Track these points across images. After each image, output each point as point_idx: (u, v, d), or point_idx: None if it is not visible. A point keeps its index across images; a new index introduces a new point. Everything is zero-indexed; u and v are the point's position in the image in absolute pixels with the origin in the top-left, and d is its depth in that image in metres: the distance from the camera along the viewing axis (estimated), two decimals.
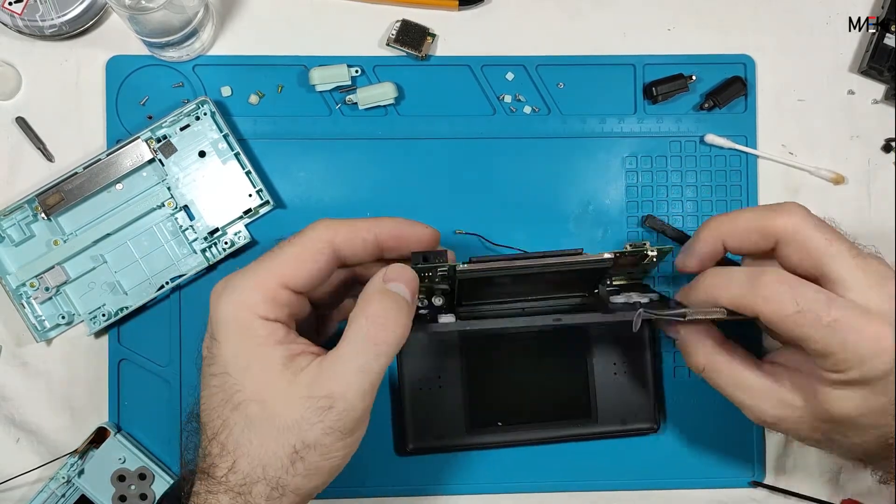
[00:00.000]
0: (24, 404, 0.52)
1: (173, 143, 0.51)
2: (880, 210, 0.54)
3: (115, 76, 0.52)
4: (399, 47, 0.52)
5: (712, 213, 0.53)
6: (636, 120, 0.54)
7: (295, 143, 0.53)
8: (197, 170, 0.51)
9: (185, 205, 0.51)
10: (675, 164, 0.54)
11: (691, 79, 0.53)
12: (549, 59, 0.53)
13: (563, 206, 0.53)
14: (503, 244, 0.52)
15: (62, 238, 0.51)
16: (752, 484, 0.53)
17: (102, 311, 0.51)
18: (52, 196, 0.50)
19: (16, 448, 0.52)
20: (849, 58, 0.55)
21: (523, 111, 0.53)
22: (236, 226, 0.52)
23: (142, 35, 0.49)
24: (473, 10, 0.54)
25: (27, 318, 0.50)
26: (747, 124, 0.54)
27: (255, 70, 0.53)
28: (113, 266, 0.51)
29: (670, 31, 0.54)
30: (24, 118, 0.52)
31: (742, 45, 0.54)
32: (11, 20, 0.50)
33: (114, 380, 0.51)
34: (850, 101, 0.55)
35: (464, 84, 0.53)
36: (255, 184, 0.51)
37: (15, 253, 0.51)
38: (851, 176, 0.54)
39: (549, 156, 0.53)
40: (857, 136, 0.54)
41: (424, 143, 0.53)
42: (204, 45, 0.52)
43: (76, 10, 0.51)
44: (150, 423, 0.52)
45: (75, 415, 0.52)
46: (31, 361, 0.52)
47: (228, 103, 0.52)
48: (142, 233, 0.51)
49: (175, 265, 0.51)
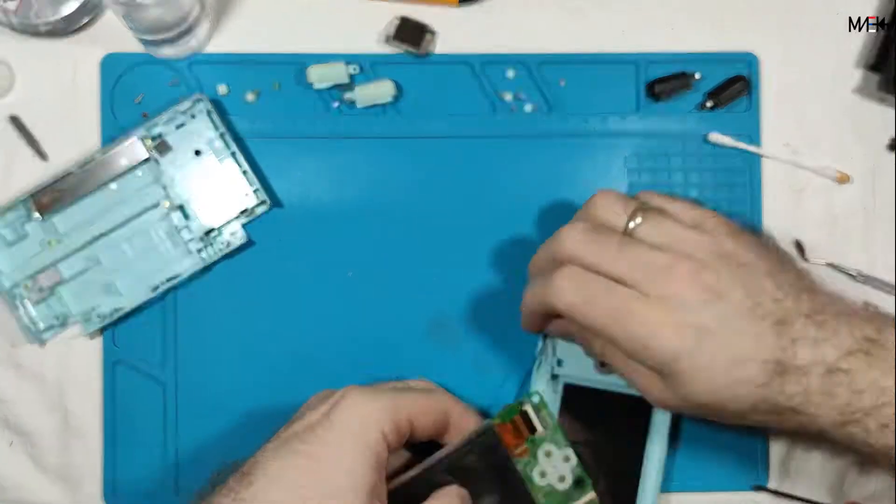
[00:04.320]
0: (17, 406, 0.51)
1: (169, 141, 0.50)
2: (885, 209, 0.54)
3: (110, 74, 0.52)
4: (398, 45, 0.52)
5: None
6: (638, 118, 0.53)
7: (292, 142, 0.52)
8: (193, 169, 0.51)
9: (181, 204, 0.51)
10: (678, 163, 0.53)
11: (694, 77, 0.53)
12: (550, 57, 0.53)
13: (565, 206, 0.53)
14: None
15: (56, 238, 0.50)
16: (754, 488, 0.52)
17: (97, 312, 0.50)
18: (46, 195, 0.49)
19: (9, 451, 0.51)
20: (853, 56, 0.54)
21: (524, 109, 0.53)
22: (232, 226, 0.51)
23: (137, 32, 0.49)
24: (473, 7, 0.53)
25: (21, 320, 0.50)
26: (751, 123, 0.53)
27: (252, 68, 0.52)
28: (108, 267, 0.50)
29: (673, 28, 0.54)
30: (18, 117, 0.52)
31: (746, 43, 0.54)
32: (5, 17, 0.50)
33: (108, 382, 0.51)
34: (854, 99, 0.54)
35: (464, 82, 0.53)
36: (251, 183, 0.51)
37: (8, 253, 0.50)
38: (856, 175, 0.54)
39: (550, 154, 0.53)
40: (862, 134, 0.54)
41: (424, 142, 0.52)
42: (200, 42, 0.52)
43: (71, 8, 0.50)
44: (143, 425, 0.51)
45: (69, 417, 0.51)
46: (25, 363, 0.51)
47: (225, 101, 0.52)
48: (137, 233, 0.51)
49: (170, 266, 0.51)
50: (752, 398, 0.40)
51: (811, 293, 0.41)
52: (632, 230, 0.42)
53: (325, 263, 0.52)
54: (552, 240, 0.43)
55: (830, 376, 0.39)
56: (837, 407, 0.39)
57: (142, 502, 0.51)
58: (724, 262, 0.41)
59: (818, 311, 0.40)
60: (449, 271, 0.52)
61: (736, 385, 0.39)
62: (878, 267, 0.53)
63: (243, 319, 0.51)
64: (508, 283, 0.52)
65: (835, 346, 0.39)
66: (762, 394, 0.39)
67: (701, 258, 0.41)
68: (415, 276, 0.51)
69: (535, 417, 0.45)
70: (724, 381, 0.39)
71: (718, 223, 0.43)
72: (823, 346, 0.39)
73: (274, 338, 0.51)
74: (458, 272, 0.52)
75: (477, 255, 0.52)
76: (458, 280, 0.51)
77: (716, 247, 0.41)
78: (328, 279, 0.52)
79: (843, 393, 0.39)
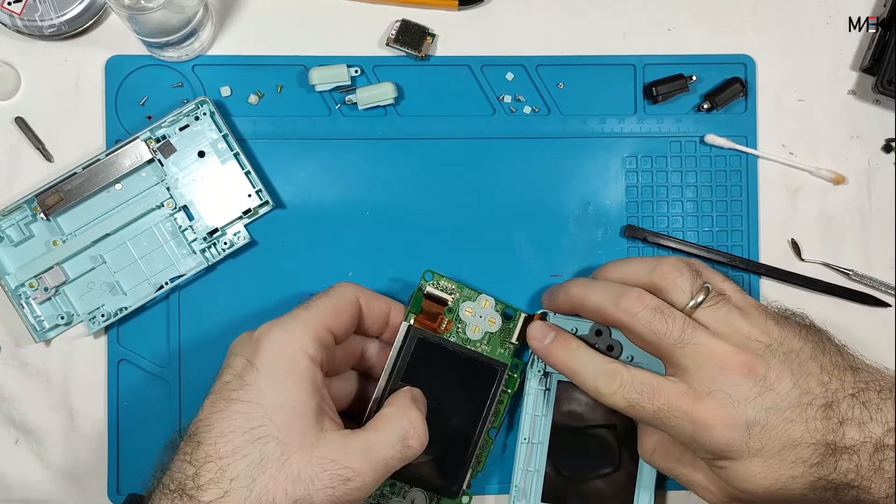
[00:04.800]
0: (23, 405, 0.52)
1: (172, 143, 0.51)
2: (881, 210, 0.54)
3: (115, 76, 0.52)
4: (399, 47, 0.52)
5: (712, 213, 0.53)
6: (636, 120, 0.53)
7: (294, 144, 0.52)
8: (196, 170, 0.51)
9: (185, 205, 0.51)
10: (676, 164, 0.54)
11: (691, 79, 0.53)
12: (549, 59, 0.53)
13: (563, 207, 0.53)
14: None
15: (61, 238, 0.50)
16: None
17: (101, 311, 0.51)
18: (52, 196, 0.50)
19: (15, 448, 0.51)
20: (849, 58, 0.55)
21: (523, 111, 0.53)
22: (236, 226, 0.52)
23: (141, 35, 0.49)
24: (473, 10, 0.54)
25: (26, 319, 0.50)
26: (747, 124, 0.54)
27: (255, 70, 0.53)
28: (112, 266, 0.51)
29: (670, 31, 0.54)
30: (24, 118, 0.52)
31: (742, 45, 0.54)
32: (10, 20, 0.50)
33: (113, 380, 0.51)
34: (850, 101, 0.55)
35: (463, 84, 0.53)
36: (254, 184, 0.51)
37: (14, 253, 0.50)
38: (852, 176, 0.54)
39: (548, 156, 0.53)
40: (858, 136, 0.54)
41: (424, 144, 0.53)
42: (203, 44, 0.52)
43: (75, 10, 0.50)
44: (148, 423, 0.51)
45: (74, 415, 0.52)
46: (31, 362, 0.52)
47: (228, 103, 0.52)
48: (141, 233, 0.51)
49: (174, 265, 0.51)
50: (810, 477, 0.41)
51: (853, 371, 0.43)
52: (692, 308, 0.44)
53: (326, 263, 0.52)
54: (619, 296, 0.44)
55: (879, 452, 0.41)
56: (888, 480, 0.41)
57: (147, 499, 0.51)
58: (773, 351, 0.42)
59: (862, 390, 0.42)
60: (448, 271, 0.52)
61: (791, 467, 0.41)
62: (872, 267, 0.54)
63: (246, 318, 0.52)
64: (508, 283, 0.52)
65: (880, 423, 0.41)
66: (818, 473, 0.41)
67: (754, 349, 0.42)
68: (414, 276, 0.52)
69: (438, 291, 0.48)
70: (779, 464, 0.41)
71: (761, 309, 0.44)
72: (870, 425, 0.41)
73: None
74: (457, 272, 0.52)
75: (476, 255, 0.53)
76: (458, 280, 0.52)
77: (765, 336, 0.43)
78: (329, 279, 0.52)
79: (890, 468, 0.41)
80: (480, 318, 0.49)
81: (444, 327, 0.48)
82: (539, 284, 0.52)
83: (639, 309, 0.43)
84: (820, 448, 0.41)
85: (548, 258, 0.53)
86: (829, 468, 0.41)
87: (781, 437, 0.41)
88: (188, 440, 0.40)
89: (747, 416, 0.41)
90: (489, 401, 0.48)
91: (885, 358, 0.46)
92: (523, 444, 0.50)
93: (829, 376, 0.42)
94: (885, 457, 0.41)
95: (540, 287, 0.52)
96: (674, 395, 0.42)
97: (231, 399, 0.40)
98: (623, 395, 0.43)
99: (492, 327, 0.49)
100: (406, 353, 0.47)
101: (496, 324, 0.49)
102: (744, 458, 0.41)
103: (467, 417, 0.48)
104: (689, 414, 0.41)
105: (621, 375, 0.43)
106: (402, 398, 0.45)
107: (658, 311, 0.43)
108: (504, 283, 0.52)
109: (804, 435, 0.41)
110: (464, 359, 0.48)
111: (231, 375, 0.41)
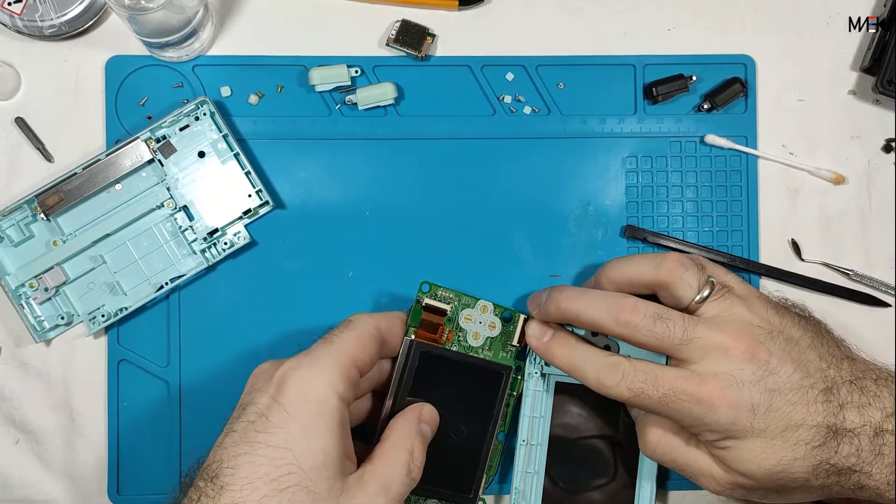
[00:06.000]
0: (23, 405, 0.52)
1: (173, 143, 0.51)
2: (881, 210, 0.54)
3: (115, 76, 0.52)
4: (399, 47, 0.52)
5: (712, 213, 0.53)
6: (636, 120, 0.54)
7: (294, 144, 0.53)
8: (196, 170, 0.51)
9: (185, 205, 0.51)
10: (676, 164, 0.54)
11: (691, 79, 0.53)
12: (549, 60, 0.53)
13: (563, 207, 0.53)
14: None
15: (61, 238, 0.50)
16: None
17: (101, 311, 0.51)
18: (52, 196, 0.50)
19: (15, 449, 0.52)
20: (849, 58, 0.55)
21: (523, 111, 0.53)
22: (236, 226, 0.52)
23: (141, 35, 0.49)
24: (473, 10, 0.54)
25: (26, 319, 0.50)
26: (747, 124, 0.54)
27: (255, 70, 0.53)
28: (112, 266, 0.51)
29: (670, 31, 0.54)
30: (24, 118, 0.52)
31: (742, 45, 0.54)
32: (11, 20, 0.50)
33: (113, 380, 0.51)
34: (850, 101, 0.55)
35: (464, 84, 0.53)
36: (254, 184, 0.51)
37: (14, 253, 0.51)
38: (852, 176, 0.54)
39: (549, 156, 0.53)
40: (858, 136, 0.54)
41: (424, 144, 0.53)
42: (203, 45, 0.52)
43: (75, 11, 0.51)
44: (148, 423, 0.51)
45: (75, 415, 0.52)
46: (31, 362, 0.52)
47: (228, 103, 0.52)
48: (141, 233, 0.51)
49: (174, 266, 0.51)
50: (812, 460, 0.41)
51: (850, 361, 0.44)
52: (699, 303, 0.44)
53: (326, 263, 0.52)
54: (617, 311, 0.44)
55: (879, 437, 0.41)
56: (889, 466, 0.41)
57: (147, 499, 0.51)
58: (774, 338, 0.43)
59: (859, 378, 0.43)
60: (448, 271, 0.52)
61: (794, 448, 0.41)
62: (872, 267, 0.54)
63: (246, 318, 0.52)
64: (508, 283, 0.52)
65: (878, 408, 0.42)
66: (820, 456, 0.41)
67: (756, 335, 0.43)
68: (415, 276, 0.52)
69: (436, 301, 0.48)
70: (782, 444, 0.41)
71: (763, 298, 0.45)
72: (869, 410, 0.42)
73: (276, 336, 0.52)
74: (457, 272, 0.52)
75: (476, 255, 0.53)
76: (458, 280, 0.52)
77: (766, 324, 0.43)
78: (329, 279, 0.52)
79: (890, 453, 0.41)
80: (480, 323, 0.49)
81: (445, 338, 0.48)
82: (539, 284, 0.52)
83: (638, 320, 0.43)
84: (822, 430, 0.41)
85: (548, 258, 0.53)
86: (830, 451, 0.41)
87: (784, 419, 0.41)
88: (210, 482, 0.38)
89: (751, 398, 0.41)
90: (497, 405, 0.48)
91: (885, 357, 0.46)
92: (522, 446, 0.50)
93: (827, 364, 0.43)
94: (884, 441, 0.41)
95: (540, 287, 0.52)
96: (678, 379, 0.42)
97: (257, 442, 0.39)
98: (627, 386, 0.43)
99: (492, 332, 0.49)
100: (411, 368, 0.46)
101: (496, 328, 0.49)
102: (748, 438, 0.42)
103: (477, 424, 0.48)
104: (695, 395, 0.42)
105: (623, 366, 0.43)
106: (405, 421, 0.44)
107: (657, 318, 0.43)
108: (504, 284, 0.52)
109: (806, 417, 0.41)
110: (468, 367, 0.48)
111: (255, 415, 0.40)
